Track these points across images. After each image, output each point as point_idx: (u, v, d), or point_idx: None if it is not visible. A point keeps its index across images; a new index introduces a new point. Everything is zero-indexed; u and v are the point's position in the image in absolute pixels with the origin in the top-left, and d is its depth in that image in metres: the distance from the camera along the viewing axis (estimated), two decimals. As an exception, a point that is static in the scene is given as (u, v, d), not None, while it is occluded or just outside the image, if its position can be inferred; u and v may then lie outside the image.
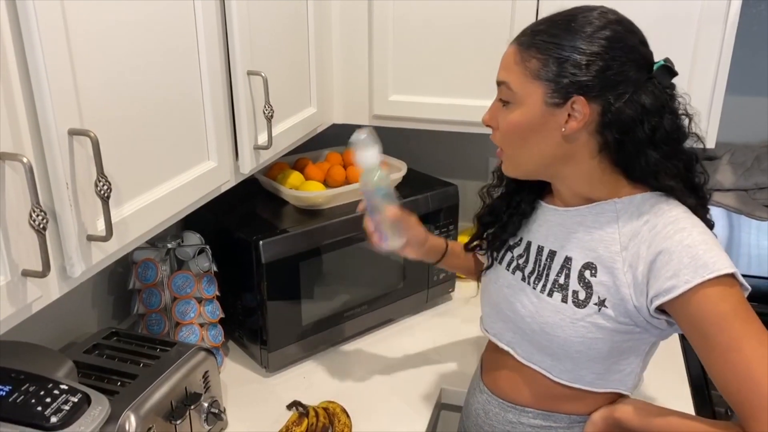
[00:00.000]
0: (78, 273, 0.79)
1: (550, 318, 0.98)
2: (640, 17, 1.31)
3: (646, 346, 0.99)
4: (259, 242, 1.34)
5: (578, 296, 0.96)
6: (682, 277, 0.85)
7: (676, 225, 0.89)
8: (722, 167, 1.65)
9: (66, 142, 0.74)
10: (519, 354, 1.05)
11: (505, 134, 0.96)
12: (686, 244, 0.86)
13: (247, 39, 1.11)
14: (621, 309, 0.92)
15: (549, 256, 1.02)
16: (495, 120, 0.98)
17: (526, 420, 1.06)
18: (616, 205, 0.95)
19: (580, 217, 0.99)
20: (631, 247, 0.92)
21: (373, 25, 1.51)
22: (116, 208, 0.84)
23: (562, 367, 1.00)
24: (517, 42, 0.94)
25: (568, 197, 1.01)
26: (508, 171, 1.02)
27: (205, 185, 1.06)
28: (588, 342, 0.95)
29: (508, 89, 0.93)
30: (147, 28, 0.88)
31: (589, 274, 0.96)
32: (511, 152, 0.98)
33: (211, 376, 1.22)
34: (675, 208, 0.92)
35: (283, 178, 1.55)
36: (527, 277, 1.04)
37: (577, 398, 1.02)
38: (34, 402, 0.83)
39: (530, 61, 0.90)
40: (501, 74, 0.95)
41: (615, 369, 0.99)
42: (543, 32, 0.91)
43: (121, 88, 0.84)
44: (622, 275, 0.92)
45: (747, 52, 1.66)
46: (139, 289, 1.37)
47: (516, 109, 0.93)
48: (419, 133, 1.67)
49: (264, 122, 1.18)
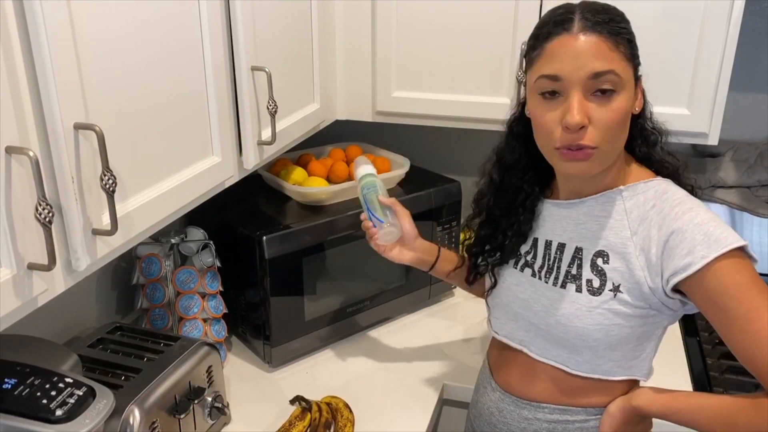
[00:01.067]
0: (83, 267, 0.79)
1: (566, 309, 0.99)
2: (646, 15, 1.33)
3: (659, 330, 1.01)
4: (263, 238, 1.34)
5: (592, 284, 0.97)
6: (698, 253, 0.87)
7: (682, 206, 0.91)
8: (725, 164, 1.65)
9: (72, 136, 0.74)
10: (533, 351, 1.05)
11: (612, 125, 0.89)
12: (696, 223, 0.88)
13: (251, 35, 1.11)
14: (636, 293, 0.94)
15: (558, 249, 1.03)
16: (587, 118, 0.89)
17: (542, 416, 1.06)
18: (623, 192, 0.97)
19: (587, 208, 1.00)
20: (640, 231, 0.94)
21: (376, 22, 1.51)
22: (121, 202, 0.84)
23: (579, 358, 1.01)
24: (596, 31, 0.89)
25: (586, 188, 1.00)
26: (591, 171, 0.93)
27: (209, 180, 1.06)
28: (606, 329, 0.96)
29: (616, 76, 0.88)
30: (152, 23, 0.88)
31: (602, 261, 0.97)
32: (609, 145, 0.91)
33: (215, 370, 1.22)
34: (678, 191, 0.95)
35: (286, 174, 1.55)
36: (537, 272, 1.05)
37: (594, 389, 1.02)
38: (40, 395, 0.84)
39: (620, 46, 0.89)
40: (600, 64, 0.88)
41: (632, 355, 1.00)
42: (611, 19, 0.90)
43: (126, 83, 0.84)
44: (635, 259, 0.93)
45: (751, 49, 1.65)
46: (143, 284, 1.38)
47: (622, 95, 0.90)
48: (422, 130, 1.67)
49: (268, 118, 1.18)
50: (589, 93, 0.89)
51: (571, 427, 1.04)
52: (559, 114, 0.90)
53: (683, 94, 1.36)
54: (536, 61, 0.93)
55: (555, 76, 0.90)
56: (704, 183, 1.66)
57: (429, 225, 1.63)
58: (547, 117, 0.92)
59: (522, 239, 1.08)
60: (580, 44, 0.88)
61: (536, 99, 0.93)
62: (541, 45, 0.92)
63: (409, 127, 1.62)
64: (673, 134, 1.39)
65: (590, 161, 0.91)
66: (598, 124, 0.89)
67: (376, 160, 1.65)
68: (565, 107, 0.89)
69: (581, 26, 0.89)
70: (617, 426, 1.00)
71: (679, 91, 1.36)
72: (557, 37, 0.90)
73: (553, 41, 0.90)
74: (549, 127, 0.92)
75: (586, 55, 0.88)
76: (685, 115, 1.37)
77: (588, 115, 0.89)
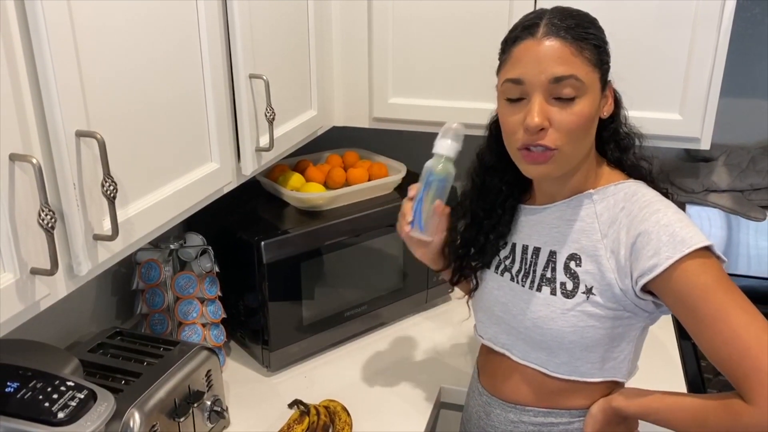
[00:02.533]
0: (85, 271, 0.80)
1: (542, 312, 1.01)
2: (637, 20, 1.35)
3: (636, 332, 1.02)
4: (261, 243, 1.36)
5: (566, 287, 0.99)
6: (663, 254, 0.88)
7: (650, 207, 0.93)
8: (718, 168, 1.67)
9: (73, 144, 0.76)
10: (515, 354, 1.07)
11: (573, 129, 0.91)
12: (663, 224, 0.90)
13: (249, 43, 1.13)
14: (608, 294, 0.96)
15: (534, 253, 1.05)
16: (547, 120, 0.92)
17: (527, 419, 1.08)
18: (593, 196, 1.00)
19: (559, 212, 1.02)
20: (610, 233, 0.96)
21: (372, 29, 1.53)
22: (122, 208, 0.86)
23: (557, 360, 1.02)
24: (561, 36, 0.91)
25: (557, 192, 1.03)
26: (551, 173, 0.95)
27: (208, 186, 1.08)
28: (580, 330, 0.98)
29: (577, 80, 0.90)
30: (151, 33, 0.90)
31: (574, 264, 0.99)
32: (570, 148, 0.93)
33: (214, 374, 1.23)
34: (648, 193, 0.97)
35: (284, 180, 1.57)
36: (515, 276, 1.07)
37: (576, 391, 1.04)
38: (42, 398, 0.85)
39: (584, 51, 0.91)
40: (559, 69, 0.90)
41: (609, 357, 1.01)
42: (577, 25, 0.92)
43: (127, 92, 0.86)
44: (606, 261, 0.95)
45: (742, 55, 1.68)
46: (143, 290, 1.39)
47: (584, 100, 0.91)
48: (419, 136, 1.68)
49: (266, 125, 1.20)
50: (551, 97, 0.91)
51: (556, 429, 1.06)
52: (522, 116, 0.93)
53: (675, 99, 1.38)
54: (503, 65, 0.96)
55: (518, 80, 0.92)
56: (697, 187, 1.67)
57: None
58: (511, 119, 0.94)
59: (501, 240, 1.10)
60: (543, 49, 0.91)
61: (502, 102, 0.96)
62: (509, 49, 0.95)
63: (406, 133, 1.64)
64: (665, 139, 1.42)
65: (550, 163, 0.93)
66: (559, 126, 0.91)
67: (373, 165, 1.67)
68: (527, 110, 0.92)
69: (546, 31, 0.91)
70: (599, 427, 1.02)
71: (671, 96, 1.38)
72: (523, 42, 0.93)
73: (519, 46, 0.93)
74: (512, 128, 0.95)
75: (548, 59, 0.90)
76: (677, 120, 1.39)
77: (549, 118, 0.91)
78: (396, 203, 1.59)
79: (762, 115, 1.71)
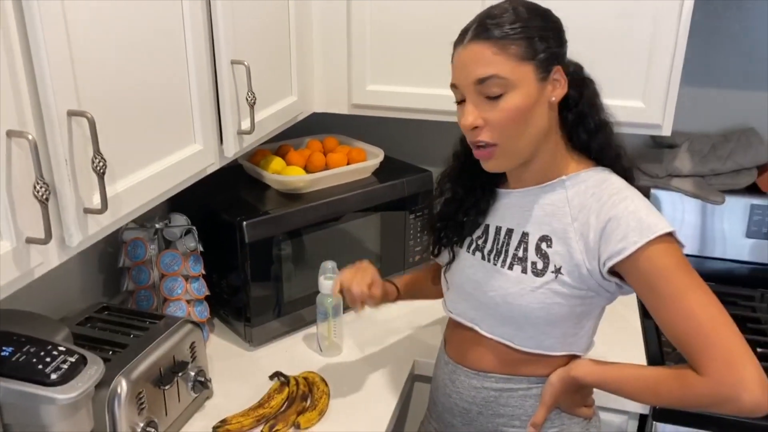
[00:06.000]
0: (76, 243, 0.86)
1: (512, 288, 1.07)
2: (600, 14, 1.42)
3: (597, 310, 1.10)
4: (243, 223, 1.42)
5: (536, 266, 1.06)
6: (631, 238, 0.95)
7: (619, 194, 1.00)
8: (681, 154, 1.75)
9: (65, 123, 0.81)
10: (483, 329, 1.14)
11: (506, 124, 0.98)
12: (631, 210, 0.97)
13: (231, 30, 1.19)
14: (575, 275, 1.03)
15: (507, 234, 1.11)
16: (481, 119, 0.99)
17: (489, 384, 1.15)
18: (565, 182, 1.06)
19: (533, 196, 1.09)
20: (580, 218, 1.02)
21: (351, 17, 1.58)
22: (110, 184, 0.92)
23: (524, 335, 1.09)
24: (482, 38, 0.97)
25: (527, 178, 1.09)
26: (501, 166, 1.04)
27: (192, 167, 1.14)
28: (547, 307, 1.05)
29: (499, 78, 0.96)
30: (137, 20, 0.96)
31: (546, 245, 1.06)
32: (510, 142, 1.00)
33: (198, 347, 1.29)
34: (616, 181, 1.04)
35: (266, 164, 1.62)
36: (486, 255, 1.13)
37: (537, 362, 1.11)
38: (35, 361, 0.91)
39: (509, 47, 0.96)
40: (480, 71, 0.96)
41: (571, 332, 1.09)
42: (504, 22, 0.97)
43: (115, 74, 0.92)
44: (575, 243, 1.02)
45: (704, 46, 1.75)
46: (129, 267, 1.45)
47: (512, 95, 0.97)
48: (396, 122, 1.75)
49: (247, 109, 1.26)
50: (483, 96, 0.98)
51: (515, 394, 1.13)
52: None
53: (638, 88, 1.45)
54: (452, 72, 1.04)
55: (454, 85, 1.02)
56: (661, 172, 1.75)
57: (402, 214, 1.71)
58: (460, 121, 1.03)
59: (481, 217, 1.16)
60: (466, 53, 0.99)
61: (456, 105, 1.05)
62: (453, 56, 1.04)
63: (384, 119, 1.69)
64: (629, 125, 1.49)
65: (495, 158, 1.02)
66: (492, 123, 0.99)
67: (352, 150, 1.73)
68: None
69: (471, 36, 0.99)
70: (557, 394, 1.09)
71: (634, 85, 1.45)
72: (456, 49, 1.02)
73: (456, 52, 1.02)
74: (463, 130, 1.03)
75: (470, 63, 0.98)
76: (640, 108, 1.47)
77: (483, 117, 0.99)
78: (374, 186, 1.65)
79: (723, 104, 1.79)
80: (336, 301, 1.46)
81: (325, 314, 1.46)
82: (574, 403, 1.12)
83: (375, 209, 1.66)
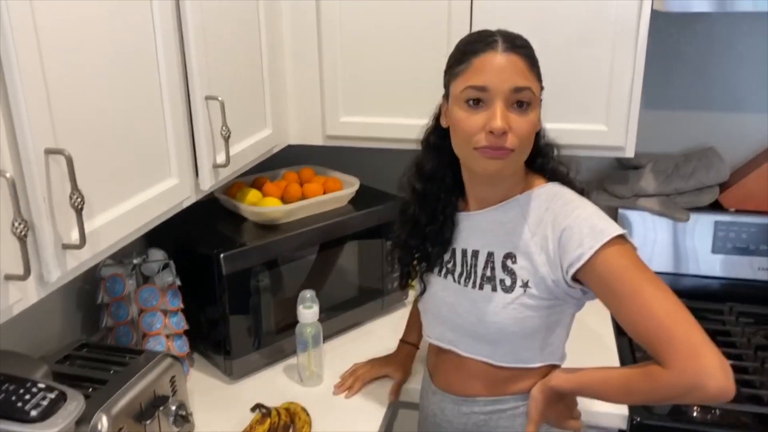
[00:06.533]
0: (54, 278, 0.87)
1: (485, 307, 1.10)
2: (560, 41, 1.48)
3: (567, 318, 1.14)
4: (220, 255, 1.43)
5: (505, 283, 1.09)
6: (587, 244, 1.00)
7: (571, 204, 1.05)
8: (646, 175, 1.80)
9: (43, 160, 0.83)
10: (461, 349, 1.17)
11: (527, 134, 1.03)
12: (583, 218, 1.02)
13: (204, 66, 1.22)
14: (542, 287, 1.06)
15: (473, 256, 1.15)
16: (508, 125, 1.02)
17: (478, 408, 1.17)
18: (519, 200, 1.11)
19: (491, 216, 1.13)
20: (539, 232, 1.07)
21: (322, 51, 1.63)
22: (88, 219, 0.93)
23: (501, 350, 1.12)
24: (518, 53, 1.02)
25: (491, 198, 1.13)
26: (506, 168, 1.05)
27: (168, 200, 1.15)
28: (520, 321, 1.08)
29: (532, 93, 1.02)
30: (113, 57, 0.98)
31: (511, 262, 1.09)
32: (524, 150, 1.05)
33: (178, 381, 1.29)
34: (567, 193, 1.09)
35: (242, 196, 1.64)
36: (457, 278, 1.17)
37: (519, 377, 1.14)
38: (15, 399, 0.91)
39: (533, 68, 1.04)
40: (521, 80, 1.01)
41: (547, 343, 1.12)
42: (527, 46, 1.05)
43: (92, 110, 0.94)
44: (537, 257, 1.06)
45: (662, 70, 1.83)
46: (107, 303, 1.45)
47: (533, 110, 1.03)
48: (371, 151, 1.78)
49: (222, 142, 1.28)
50: (509, 104, 1.02)
51: (504, 414, 1.16)
52: (482, 119, 1.02)
53: (600, 112, 1.51)
54: (463, 73, 1.04)
55: (482, 87, 1.02)
56: (627, 193, 1.81)
57: (379, 241, 1.73)
58: (470, 121, 1.03)
59: (446, 245, 1.19)
60: (504, 60, 1.02)
61: (460, 107, 1.05)
62: (468, 59, 1.04)
63: (359, 149, 1.73)
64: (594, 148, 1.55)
65: (506, 160, 1.03)
66: (517, 131, 1.02)
67: (328, 180, 1.76)
68: (489, 114, 1.01)
69: (505, 47, 1.02)
70: (541, 407, 1.12)
71: (596, 109, 1.51)
72: (484, 53, 1.03)
73: (481, 56, 1.03)
74: (471, 130, 1.03)
75: (510, 70, 1.01)
76: (603, 131, 1.52)
77: (508, 123, 1.01)
78: (350, 214, 1.68)
79: (684, 124, 1.86)
80: (315, 331, 1.47)
81: (305, 344, 1.47)
82: (562, 416, 1.15)
83: (352, 237, 1.68)
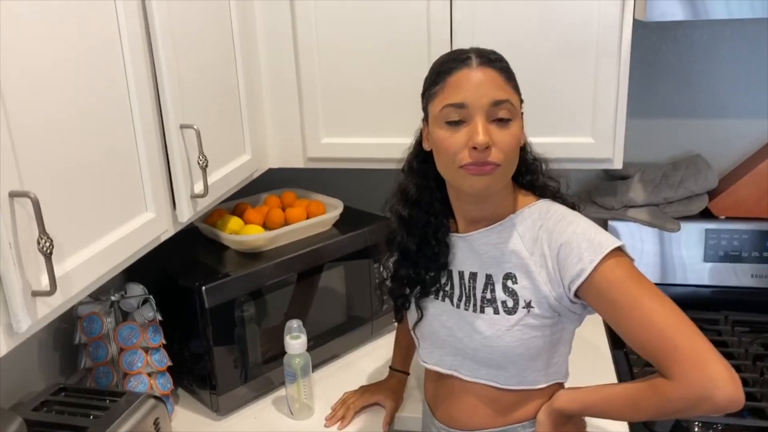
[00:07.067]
0: (24, 328, 0.82)
1: (488, 331, 1.07)
2: (543, 54, 1.45)
3: (569, 334, 1.11)
4: (202, 288, 1.37)
5: (507, 305, 1.06)
6: (586, 258, 0.97)
7: (565, 220, 1.03)
8: (634, 185, 1.78)
9: (7, 205, 0.78)
10: (463, 374, 1.12)
11: (511, 148, 1.01)
12: (579, 233, 1.00)
13: (178, 94, 1.17)
14: (545, 305, 1.03)
15: (471, 278, 1.11)
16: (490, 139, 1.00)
17: None
18: (513, 219, 1.08)
19: (485, 238, 1.10)
20: (535, 250, 1.04)
21: (300, 74, 1.59)
22: (59, 263, 0.87)
23: (507, 373, 1.08)
24: (493, 67, 1.01)
25: (482, 218, 1.10)
26: (493, 184, 1.02)
27: (145, 236, 1.10)
28: (525, 343, 1.05)
29: (512, 105, 1.00)
30: (81, 90, 0.93)
31: (511, 282, 1.06)
32: (509, 164, 1.02)
33: (162, 423, 1.23)
34: (559, 208, 1.07)
35: (223, 224, 1.59)
36: (456, 302, 1.12)
37: (525, 401, 1.10)
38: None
39: (511, 82, 1.02)
40: (499, 94, 0.99)
41: (551, 362, 1.09)
42: (502, 59, 1.04)
43: (58, 149, 0.89)
44: (538, 276, 1.03)
45: (646, 79, 1.81)
46: (86, 343, 1.38)
47: (515, 122, 1.01)
48: (353, 172, 1.74)
49: (199, 172, 1.23)
50: (490, 119, 0.99)
51: None
52: (464, 137, 0.99)
53: (587, 124, 1.49)
54: (440, 93, 1.02)
55: (460, 104, 0.99)
56: (617, 204, 1.78)
57: (366, 263, 1.69)
58: (452, 139, 1.00)
59: (442, 269, 1.15)
60: (481, 75, 1.00)
61: (441, 127, 1.02)
62: (443, 79, 1.02)
63: (341, 170, 1.69)
64: (581, 161, 1.52)
65: (493, 176, 1.00)
66: (500, 145, 0.99)
67: (311, 204, 1.72)
68: (470, 130, 0.99)
69: (479, 61, 1.00)
70: (550, 430, 1.08)
71: (582, 122, 1.48)
72: (459, 71, 1.01)
73: (455, 74, 1.01)
74: (454, 149, 1.00)
75: (487, 85, 0.99)
76: (590, 144, 1.49)
77: (491, 138, 0.99)
78: (336, 238, 1.63)
79: (669, 132, 1.84)
80: (304, 361, 1.42)
81: (294, 375, 1.42)
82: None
83: (338, 261, 1.63)
